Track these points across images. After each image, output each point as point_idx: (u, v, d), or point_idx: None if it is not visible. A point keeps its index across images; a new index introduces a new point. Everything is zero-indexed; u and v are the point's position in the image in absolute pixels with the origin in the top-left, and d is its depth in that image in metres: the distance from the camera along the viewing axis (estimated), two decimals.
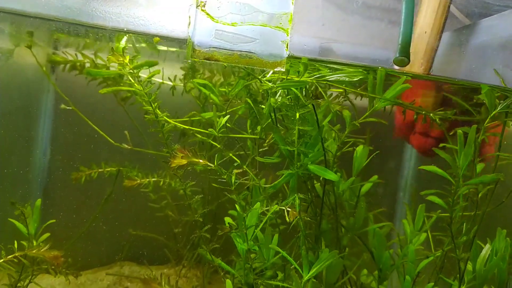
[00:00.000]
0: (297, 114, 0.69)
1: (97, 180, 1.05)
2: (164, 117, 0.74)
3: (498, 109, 0.75)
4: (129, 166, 1.05)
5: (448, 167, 0.78)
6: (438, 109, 0.84)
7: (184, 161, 0.69)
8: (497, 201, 0.81)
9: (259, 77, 0.71)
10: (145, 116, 0.77)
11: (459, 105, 0.84)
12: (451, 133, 0.78)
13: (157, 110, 0.74)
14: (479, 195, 0.77)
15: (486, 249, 0.80)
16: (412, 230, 0.85)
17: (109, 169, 1.03)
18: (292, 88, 0.71)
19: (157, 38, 0.69)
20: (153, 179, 1.04)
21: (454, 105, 0.91)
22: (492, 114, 0.76)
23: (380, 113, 0.78)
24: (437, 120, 0.77)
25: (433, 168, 0.76)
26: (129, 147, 0.95)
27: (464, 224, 0.79)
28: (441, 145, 0.77)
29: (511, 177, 0.81)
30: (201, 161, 0.69)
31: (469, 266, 0.81)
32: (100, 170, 1.03)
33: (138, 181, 1.02)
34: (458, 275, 0.80)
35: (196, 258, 1.12)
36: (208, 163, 0.69)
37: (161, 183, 1.05)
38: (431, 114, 0.77)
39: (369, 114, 0.72)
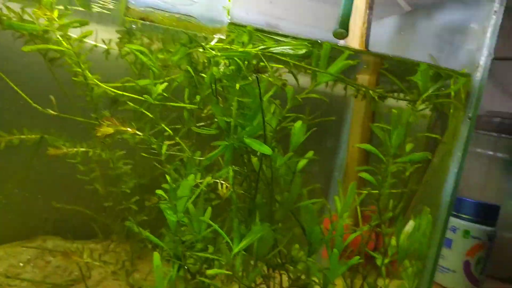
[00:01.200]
0: (237, 85, 0.67)
1: (19, 149, 0.97)
2: (94, 80, 0.69)
3: (430, 91, 0.78)
4: (55, 134, 0.98)
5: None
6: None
7: (110, 130, 0.64)
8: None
9: (203, 44, 0.68)
10: (73, 78, 0.71)
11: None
12: None
13: (87, 72, 0.69)
14: (407, 173, 0.80)
15: (410, 225, 0.85)
16: (343, 206, 0.87)
17: (32, 136, 0.95)
18: (236, 59, 0.68)
19: None
20: (82, 149, 0.98)
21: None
22: (424, 96, 0.79)
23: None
24: (376, 98, 0.79)
25: (367, 146, 0.78)
26: (55, 113, 0.88)
27: (391, 200, 0.82)
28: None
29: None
30: (129, 129, 0.65)
31: (394, 241, 0.85)
32: (22, 136, 0.94)
33: (65, 150, 0.95)
34: (382, 249, 0.83)
35: (126, 233, 1.08)
36: (137, 132, 0.65)
37: (91, 153, 0.99)
38: (371, 91, 0.79)
39: (312, 90, 0.71)
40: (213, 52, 0.66)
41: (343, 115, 1.27)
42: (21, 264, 0.98)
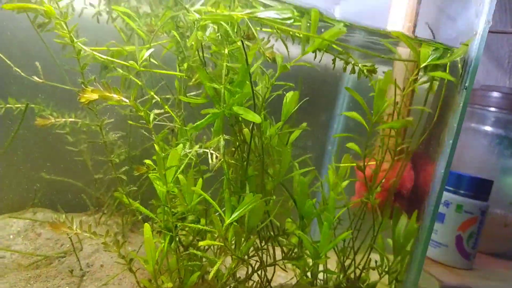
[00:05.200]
0: (226, 50, 0.64)
1: (5, 118, 0.95)
2: (78, 43, 0.66)
3: (428, 60, 0.76)
4: (42, 103, 0.95)
5: None
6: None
7: (95, 96, 0.62)
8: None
9: (187, 6, 0.65)
10: (55, 40, 0.68)
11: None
12: None
13: (71, 35, 0.66)
14: (396, 149, 0.79)
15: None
16: (335, 179, 0.86)
17: (18, 105, 0.93)
18: (222, 23, 0.66)
19: None
20: (70, 119, 0.96)
21: None
22: (421, 66, 0.77)
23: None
24: (365, 71, 0.77)
25: (352, 114, 0.76)
26: (41, 81, 0.85)
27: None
28: None
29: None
30: (115, 96, 0.62)
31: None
32: (8, 106, 0.92)
33: (53, 121, 0.93)
34: (373, 223, 0.83)
35: (117, 205, 1.07)
36: (123, 99, 0.63)
37: (79, 124, 0.97)
38: (360, 65, 0.77)
39: (303, 59, 0.69)
40: (197, 16, 0.63)
41: (337, 88, 1.25)
42: (11, 236, 0.97)
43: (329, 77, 1.21)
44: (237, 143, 0.78)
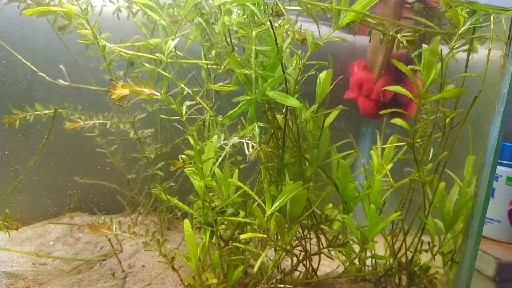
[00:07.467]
0: (254, 32, 0.61)
1: (36, 125, 0.94)
2: (101, 40, 0.64)
3: (467, 25, 0.70)
4: (70, 107, 0.94)
5: None
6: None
7: (125, 91, 0.60)
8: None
9: None
10: (78, 40, 0.66)
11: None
12: None
13: (94, 31, 0.63)
14: (446, 121, 0.74)
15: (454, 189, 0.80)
16: (379, 161, 0.81)
17: (47, 111, 0.92)
18: (248, 4, 0.62)
19: None
20: (99, 121, 0.94)
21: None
22: (460, 31, 0.71)
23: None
24: (404, 43, 0.71)
25: (397, 88, 0.72)
26: (67, 84, 0.84)
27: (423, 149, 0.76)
28: None
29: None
30: (145, 89, 0.60)
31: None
32: (36, 113, 0.91)
33: (82, 124, 0.92)
34: (424, 202, 0.78)
35: (153, 204, 1.06)
36: (154, 93, 0.60)
37: (109, 125, 0.95)
38: (398, 36, 0.72)
39: (334, 32, 0.65)
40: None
41: None
42: (51, 243, 0.97)
43: (356, 54, 1.15)
44: (272, 130, 0.75)
